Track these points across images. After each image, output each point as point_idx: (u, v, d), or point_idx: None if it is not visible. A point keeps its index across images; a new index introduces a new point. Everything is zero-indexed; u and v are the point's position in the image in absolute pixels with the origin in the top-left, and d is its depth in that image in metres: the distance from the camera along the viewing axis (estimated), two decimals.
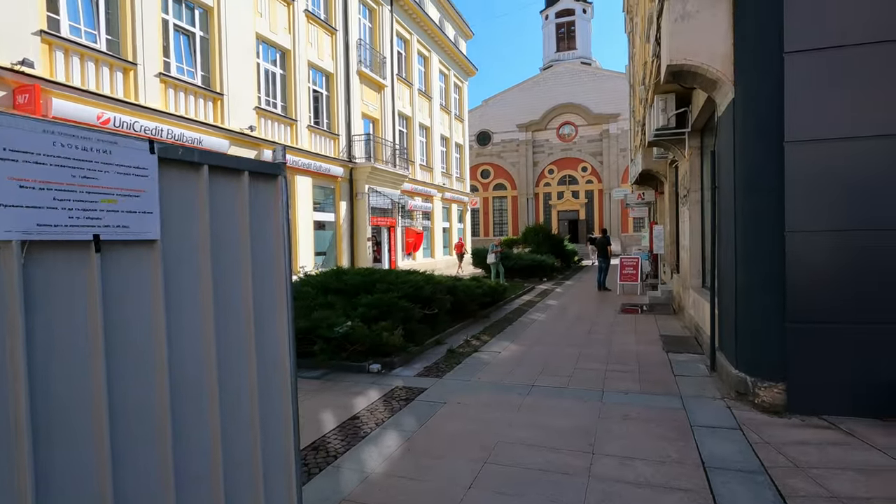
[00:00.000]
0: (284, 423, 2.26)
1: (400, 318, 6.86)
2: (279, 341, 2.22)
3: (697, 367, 5.86)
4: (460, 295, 9.03)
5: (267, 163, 2.17)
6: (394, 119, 20.83)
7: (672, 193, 12.12)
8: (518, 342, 7.67)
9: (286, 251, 2.23)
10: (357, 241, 17.85)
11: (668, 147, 9.07)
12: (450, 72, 27.72)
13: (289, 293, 2.23)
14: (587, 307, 11.33)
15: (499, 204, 44.61)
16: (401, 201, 18.68)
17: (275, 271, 2.18)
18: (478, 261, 19.33)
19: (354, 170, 17.65)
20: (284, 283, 2.22)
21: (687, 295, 8.64)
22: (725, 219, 5.10)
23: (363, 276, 7.82)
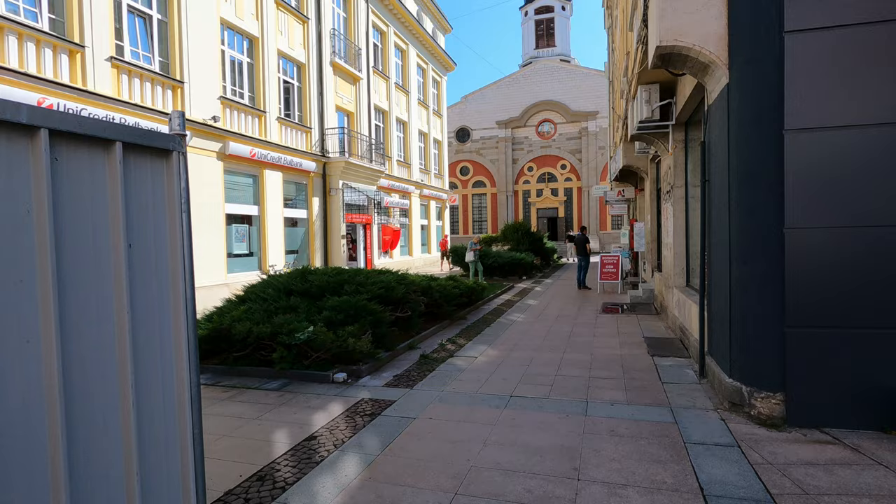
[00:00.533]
0: (182, 455, 1.75)
1: (369, 322, 6.35)
2: (171, 356, 1.71)
3: (685, 373, 5.51)
4: (436, 296, 8.56)
5: (152, 133, 1.65)
6: (370, 113, 20.21)
7: (653, 190, 11.86)
8: (496, 346, 7.24)
9: (185, 249, 1.72)
10: (331, 238, 17.21)
11: (650, 141, 8.74)
12: (428, 66, 27.18)
13: (187, 302, 1.72)
14: (568, 307, 10.98)
15: (478, 201, 44.26)
16: (376, 198, 18.11)
17: (167, 274, 1.66)
18: (456, 259, 18.90)
19: (328, 165, 17.00)
20: (183, 288, 1.72)
21: (670, 294, 8.33)
22: (718, 214, 4.73)
23: (330, 276, 7.28)
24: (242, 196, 13.54)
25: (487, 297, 12.04)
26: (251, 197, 13.89)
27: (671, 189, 8.13)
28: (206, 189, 11.86)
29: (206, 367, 6.15)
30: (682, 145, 7.85)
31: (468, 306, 10.37)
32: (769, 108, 3.98)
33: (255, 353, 6.04)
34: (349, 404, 4.84)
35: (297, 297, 6.83)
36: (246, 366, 6.01)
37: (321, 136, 16.86)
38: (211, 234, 11.97)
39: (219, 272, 12.14)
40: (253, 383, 5.64)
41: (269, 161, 14.01)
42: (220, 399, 5.11)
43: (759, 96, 4.01)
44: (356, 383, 5.59)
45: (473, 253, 16.56)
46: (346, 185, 17.54)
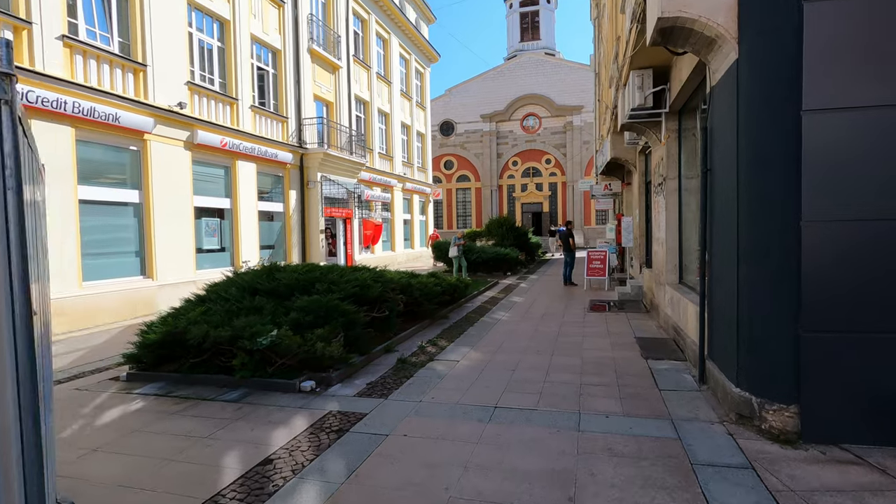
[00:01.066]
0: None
1: (341, 324, 5.82)
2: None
3: (683, 379, 5.10)
4: (416, 294, 8.05)
5: None
6: (350, 103, 19.54)
7: (642, 183, 11.49)
8: (479, 348, 6.76)
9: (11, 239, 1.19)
10: (309, 233, 16.56)
11: (641, 131, 8.33)
12: (411, 56, 26.53)
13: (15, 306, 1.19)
14: (554, 304, 10.57)
15: (462, 196, 43.76)
16: (357, 191, 17.48)
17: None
18: (439, 254, 18.40)
19: (305, 156, 16.32)
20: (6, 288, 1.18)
21: (662, 292, 7.95)
22: (722, 206, 4.30)
23: (300, 273, 6.72)
24: (213, 188, 12.83)
25: (471, 294, 11.57)
26: (223, 189, 13.18)
27: (663, 181, 7.73)
28: (172, 180, 11.14)
29: (159, 376, 5.56)
30: (676, 135, 7.45)
31: (451, 304, 9.88)
32: (784, 86, 3.54)
33: (214, 359, 5.47)
34: (315, 418, 4.31)
35: (262, 296, 6.26)
36: (203, 373, 5.44)
37: (298, 126, 16.17)
38: (177, 227, 11.26)
39: (187, 268, 11.45)
40: (210, 393, 5.07)
41: (242, 151, 13.31)
42: (169, 413, 4.54)
43: (774, 72, 3.58)
44: (325, 392, 5.06)
45: (457, 248, 16.08)
46: (325, 178, 16.89)
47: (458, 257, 16.08)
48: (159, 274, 10.77)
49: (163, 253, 10.86)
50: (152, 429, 4.19)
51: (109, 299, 9.59)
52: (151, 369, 5.69)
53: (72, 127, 8.96)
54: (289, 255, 15.81)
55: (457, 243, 16.12)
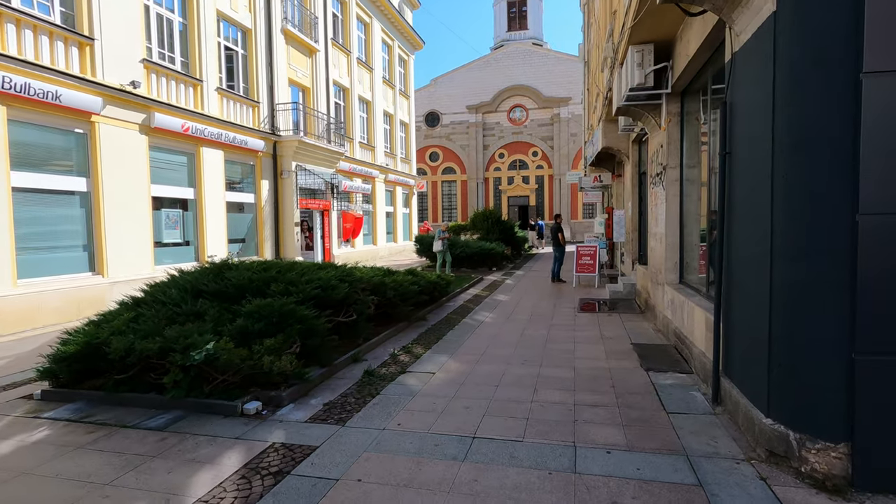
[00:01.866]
0: None
1: (297, 332, 5.00)
2: None
3: (693, 398, 4.38)
4: (389, 294, 7.24)
5: None
6: (328, 89, 18.54)
7: (635, 174, 10.80)
8: (459, 357, 5.99)
9: None
10: (283, 226, 15.62)
11: (638, 116, 7.60)
12: (394, 42, 25.52)
13: None
14: (542, 304, 9.85)
15: (448, 188, 42.92)
16: (334, 181, 16.53)
17: None
18: (422, 249, 17.57)
19: (279, 144, 15.33)
20: None
21: (659, 292, 7.26)
22: (748, 197, 3.57)
23: (255, 272, 5.86)
24: (175, 176, 11.83)
25: (453, 292, 10.80)
26: (186, 178, 12.18)
27: (662, 171, 7.01)
28: (127, 167, 10.14)
29: (79, 394, 4.69)
30: (678, 119, 6.73)
31: (431, 304, 9.10)
32: (839, 43, 2.80)
33: (144, 374, 4.61)
34: (252, 454, 3.50)
35: (207, 299, 5.40)
36: (131, 392, 4.59)
37: (271, 111, 15.16)
38: (133, 219, 10.28)
39: (143, 264, 10.47)
40: (134, 418, 4.23)
41: (207, 137, 12.31)
42: (75, 447, 3.70)
43: (825, 25, 2.83)
44: (273, 416, 4.25)
45: (442, 242, 15.26)
46: (301, 168, 15.93)
47: (443, 252, 15.26)
48: (111, 270, 9.80)
49: (115, 247, 9.88)
50: (46, 470, 3.35)
51: (51, 298, 8.61)
52: (71, 386, 4.82)
53: (1, 105, 7.93)
54: (261, 249, 14.86)
55: (441, 237, 15.30)
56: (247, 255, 14.24)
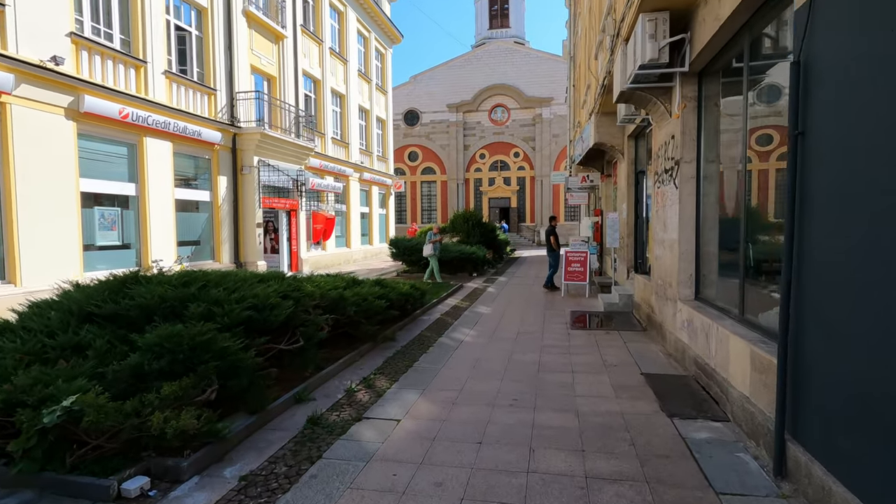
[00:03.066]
0: None
1: (214, 371, 3.73)
2: None
3: (743, 465, 3.26)
4: (351, 311, 6.01)
5: None
6: (297, 79, 17.16)
7: (631, 173, 9.77)
8: (432, 393, 4.79)
9: None
10: (243, 227, 14.19)
11: (644, 102, 6.52)
12: (370, 34, 24.22)
13: None
14: (529, 317, 8.71)
15: (427, 189, 41.70)
16: (300, 177, 15.15)
17: None
18: (399, 253, 16.28)
19: (239, 137, 13.92)
20: None
21: (668, 309, 6.19)
22: (839, 193, 2.46)
23: (171, 286, 4.56)
24: (111, 169, 10.37)
25: (429, 303, 9.59)
26: (126, 171, 10.72)
27: (674, 166, 5.94)
28: (47, 156, 8.67)
29: None
30: (694, 104, 5.66)
31: (402, 318, 7.89)
32: None
33: None
34: None
35: (98, 324, 4.09)
36: None
37: (230, 100, 13.74)
38: (55, 218, 8.81)
39: (69, 270, 8.98)
40: None
41: (152, 126, 10.86)
42: None
43: None
44: (166, 498, 2.99)
45: (432, 246, 13.92)
46: (264, 163, 14.53)
47: (434, 256, 13.90)
48: (25, 277, 8.32)
49: (31, 250, 8.40)
50: None
51: None
52: None
53: None
54: (217, 252, 13.42)
55: (432, 240, 13.95)
56: (201, 260, 12.80)
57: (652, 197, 7.19)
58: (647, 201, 8.73)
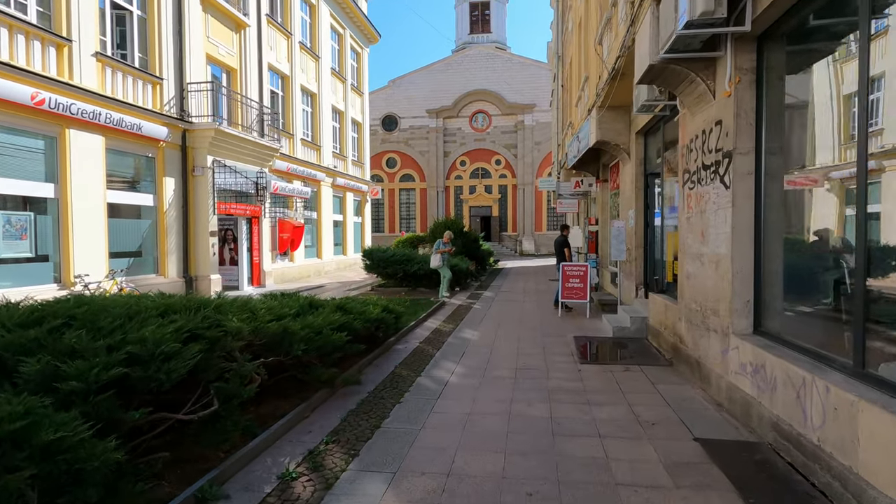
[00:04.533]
0: None
1: (30, 483, 2.15)
2: None
3: None
4: (298, 350, 4.46)
5: None
6: (261, 73, 15.55)
7: (639, 175, 8.49)
8: (404, 485, 3.27)
9: None
10: (194, 235, 12.46)
11: (678, 80, 5.19)
12: (345, 32, 22.76)
13: None
14: (526, 344, 7.27)
15: (406, 196, 40.18)
16: (261, 180, 13.48)
17: None
18: (372, 264, 14.68)
19: (190, 133, 12.24)
20: None
21: (713, 343, 4.83)
22: None
23: (10, 327, 2.96)
24: (21, 167, 8.62)
25: (406, 327, 8.08)
26: (42, 170, 8.98)
27: (722, 160, 4.60)
28: None
29: None
30: (752, 77, 4.34)
31: (372, 350, 6.36)
32: None
33: None
34: None
35: None
36: None
37: (180, 91, 12.08)
38: None
39: None
40: None
41: (78, 116, 9.15)
42: None
43: None
44: None
45: (441, 257, 12.15)
46: (220, 164, 12.86)
47: (442, 267, 12.25)
48: None
49: None
50: None
51: None
52: None
53: None
54: (162, 265, 11.66)
55: (441, 249, 12.15)
56: (141, 274, 11.04)
57: (681, 200, 5.86)
58: (662, 207, 7.42)
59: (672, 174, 6.93)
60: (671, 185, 7.03)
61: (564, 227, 11.02)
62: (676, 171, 6.74)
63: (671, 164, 6.94)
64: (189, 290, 12.16)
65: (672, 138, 6.87)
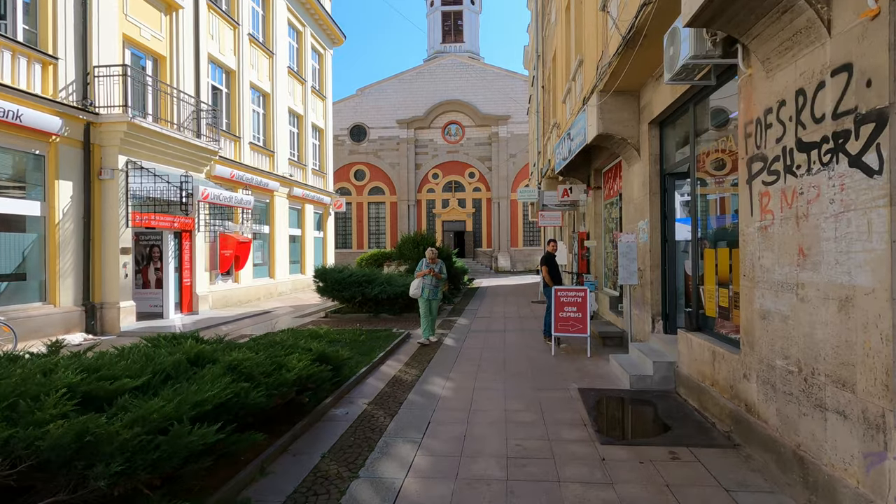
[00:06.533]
0: None
1: None
2: None
3: None
4: (108, 470, 2.31)
5: None
6: (199, 64, 13.36)
7: (654, 176, 6.70)
8: None
9: None
10: (100, 253, 10.09)
11: (754, 14, 3.35)
12: (305, 29, 20.77)
13: None
14: (516, 405, 5.26)
15: (375, 211, 38.02)
16: (185, 185, 11.12)
17: None
18: (326, 287, 12.44)
19: (96, 127, 9.95)
20: None
21: (831, 429, 2.93)
22: None
23: None
24: None
25: (355, 376, 5.96)
26: None
27: (858, 128, 2.75)
28: None
29: None
30: None
31: (288, 430, 4.24)
32: None
33: None
34: None
35: None
36: None
37: (83, 76, 9.81)
38: None
39: None
40: None
41: None
42: None
43: None
44: None
45: (424, 281, 8.38)
46: (136, 166, 10.55)
47: (427, 299, 8.44)
48: None
49: None
50: None
51: None
52: None
53: None
54: (52, 290, 9.24)
55: (424, 271, 8.44)
56: (22, 303, 8.64)
57: (745, 203, 4.00)
58: (698, 215, 5.60)
59: (712, 171, 5.11)
60: (709, 185, 5.21)
61: (551, 241, 9.09)
62: (720, 165, 4.91)
63: (715, 155, 5.12)
64: (91, 320, 9.75)
65: (718, 120, 5.07)
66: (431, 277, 8.46)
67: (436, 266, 8.53)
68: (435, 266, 8.52)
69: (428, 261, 8.54)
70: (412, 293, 8.48)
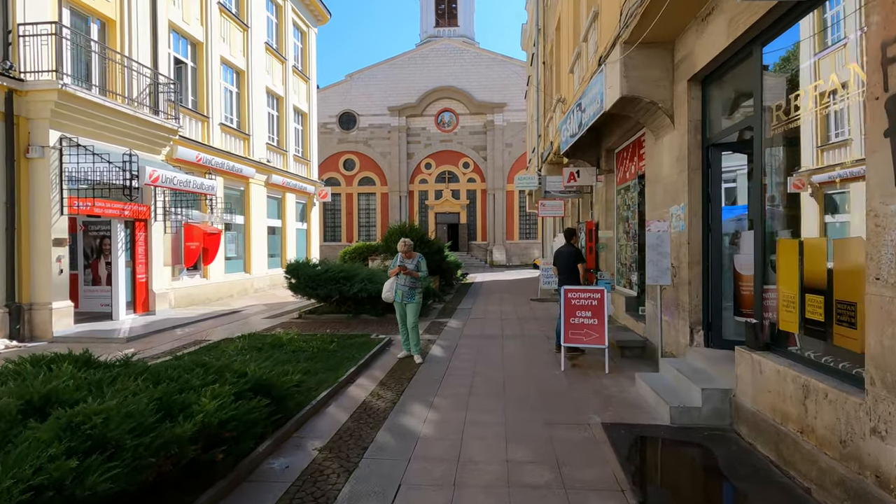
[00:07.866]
0: None
1: None
2: None
3: None
4: None
5: None
6: (156, 32, 11.79)
7: (694, 145, 5.30)
8: None
9: None
10: (27, 246, 8.59)
11: None
12: (286, 4, 19.15)
13: None
14: (520, 454, 3.88)
15: (365, 202, 36.48)
16: (127, 164, 9.47)
17: None
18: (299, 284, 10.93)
19: (20, 96, 8.42)
20: None
21: None
22: None
23: None
24: None
25: (312, 402, 4.55)
26: None
27: None
28: None
29: None
30: None
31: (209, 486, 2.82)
32: None
33: None
34: None
35: None
36: None
37: (5, 34, 8.25)
38: None
39: None
40: None
41: None
42: None
43: None
44: None
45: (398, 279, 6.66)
46: (72, 143, 9.03)
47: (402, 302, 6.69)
48: None
49: None
50: None
51: None
52: None
53: None
54: None
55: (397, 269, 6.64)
56: None
57: (878, 165, 2.61)
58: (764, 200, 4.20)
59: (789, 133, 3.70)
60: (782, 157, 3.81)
61: (570, 232, 7.57)
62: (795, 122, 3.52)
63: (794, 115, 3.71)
64: (16, 324, 8.27)
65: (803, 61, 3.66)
66: (406, 277, 6.61)
67: (410, 262, 6.65)
68: (409, 262, 6.64)
69: (402, 255, 6.69)
70: (384, 296, 6.79)
